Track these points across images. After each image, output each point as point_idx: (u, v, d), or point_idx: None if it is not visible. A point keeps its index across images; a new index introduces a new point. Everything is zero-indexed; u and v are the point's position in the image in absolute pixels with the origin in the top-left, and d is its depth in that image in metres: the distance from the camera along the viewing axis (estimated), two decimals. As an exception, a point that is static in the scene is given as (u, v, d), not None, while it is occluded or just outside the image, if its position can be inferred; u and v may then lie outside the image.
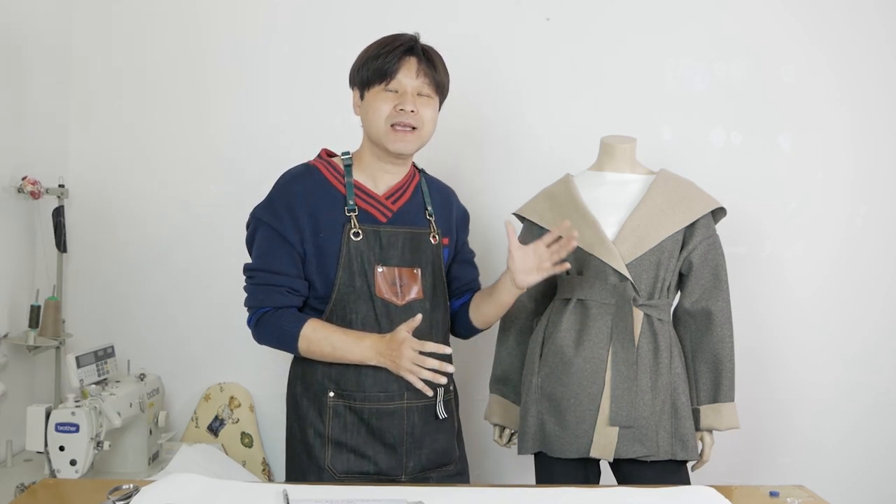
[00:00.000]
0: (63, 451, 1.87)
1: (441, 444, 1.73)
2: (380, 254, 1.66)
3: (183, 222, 2.51)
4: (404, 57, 1.65)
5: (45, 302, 2.29)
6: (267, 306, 1.67)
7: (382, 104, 1.65)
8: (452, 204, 1.85)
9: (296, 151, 2.46)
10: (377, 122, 1.66)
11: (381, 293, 1.66)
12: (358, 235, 1.65)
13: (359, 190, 1.70)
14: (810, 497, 1.51)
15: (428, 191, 1.79)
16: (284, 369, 2.45)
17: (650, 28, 2.45)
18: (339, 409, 1.67)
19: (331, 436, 1.67)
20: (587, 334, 1.80)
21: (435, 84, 1.68)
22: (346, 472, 1.66)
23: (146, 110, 2.51)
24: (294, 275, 1.66)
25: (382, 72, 1.64)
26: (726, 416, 1.85)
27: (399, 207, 1.72)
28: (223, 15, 2.49)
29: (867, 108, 2.45)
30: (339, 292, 1.65)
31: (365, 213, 1.68)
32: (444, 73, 1.72)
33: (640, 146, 1.99)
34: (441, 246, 1.75)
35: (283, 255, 1.66)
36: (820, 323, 2.47)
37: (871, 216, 2.46)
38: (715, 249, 1.88)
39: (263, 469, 2.46)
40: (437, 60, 1.70)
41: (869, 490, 2.48)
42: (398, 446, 1.67)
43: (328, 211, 1.66)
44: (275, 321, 1.66)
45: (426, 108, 1.67)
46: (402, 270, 1.68)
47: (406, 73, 1.65)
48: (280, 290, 1.66)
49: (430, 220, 1.75)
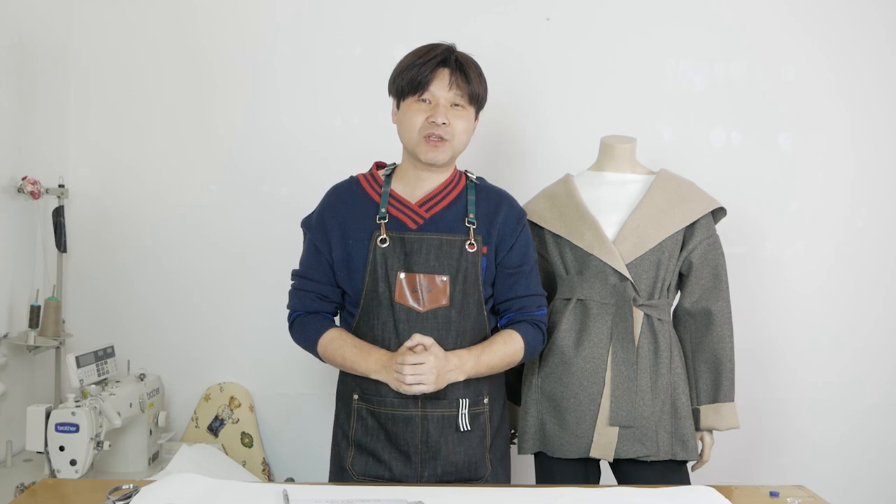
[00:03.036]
0: (63, 451, 1.87)
1: (461, 457, 1.68)
2: (404, 260, 1.66)
3: (183, 222, 2.51)
4: (438, 68, 1.66)
5: (45, 302, 2.29)
6: (300, 310, 1.76)
7: (416, 115, 1.67)
8: (501, 211, 1.75)
9: (296, 151, 2.48)
10: (410, 133, 1.68)
11: (401, 299, 1.65)
12: (385, 242, 1.66)
13: (393, 199, 1.72)
14: (810, 497, 1.51)
15: (474, 198, 1.74)
16: (284, 369, 2.47)
17: (650, 28, 2.45)
18: (362, 413, 1.70)
19: (354, 438, 1.71)
20: (587, 334, 1.80)
21: (469, 95, 1.68)
22: (364, 475, 1.69)
23: (146, 110, 2.50)
24: (325, 282, 1.74)
25: (416, 83, 1.66)
26: (726, 416, 1.85)
27: (433, 214, 1.70)
28: (223, 15, 2.49)
29: (867, 108, 2.45)
30: (366, 298, 1.68)
31: (396, 221, 1.69)
32: (479, 84, 1.71)
33: (640, 146, 1.99)
34: (479, 254, 1.69)
35: (317, 264, 1.74)
36: (820, 323, 2.47)
37: (871, 216, 2.47)
38: (715, 249, 1.88)
39: (263, 469, 2.46)
40: (472, 71, 1.69)
41: (869, 490, 2.48)
42: (412, 454, 1.66)
43: (360, 220, 1.70)
44: (303, 325, 1.75)
45: (458, 120, 1.68)
46: (426, 277, 1.66)
47: (439, 84, 1.66)
48: (311, 297, 1.74)
49: (469, 227, 1.70)
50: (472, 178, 1.79)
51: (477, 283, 1.69)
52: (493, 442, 1.74)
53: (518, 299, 1.74)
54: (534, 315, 1.75)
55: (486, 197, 1.76)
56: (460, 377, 1.62)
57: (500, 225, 1.73)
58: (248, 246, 2.48)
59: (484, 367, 1.66)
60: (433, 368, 1.55)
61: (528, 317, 1.74)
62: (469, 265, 1.67)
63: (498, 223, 1.73)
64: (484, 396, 1.72)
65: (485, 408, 1.72)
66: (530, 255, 1.77)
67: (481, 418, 1.71)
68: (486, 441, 1.72)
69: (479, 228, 1.70)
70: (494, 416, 1.75)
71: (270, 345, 2.43)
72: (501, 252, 1.73)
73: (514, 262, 1.74)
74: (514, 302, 1.74)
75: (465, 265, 1.67)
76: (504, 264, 1.73)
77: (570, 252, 1.87)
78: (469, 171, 1.81)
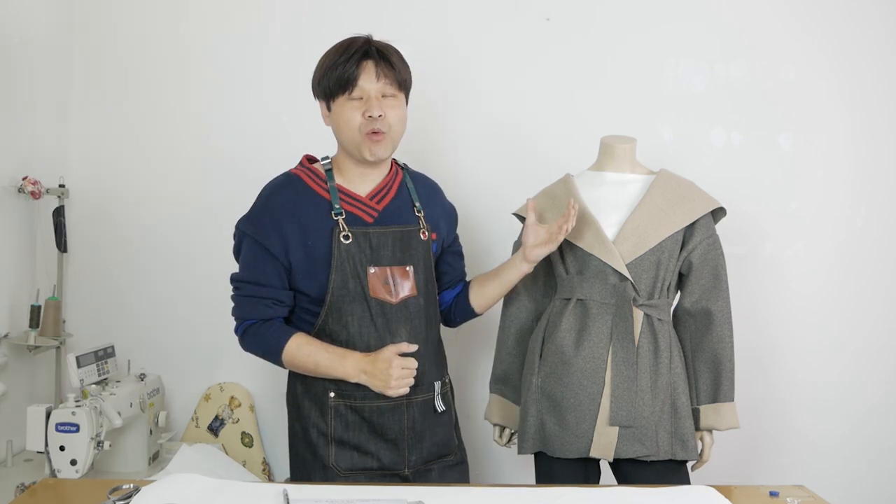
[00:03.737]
0: (63, 451, 1.87)
1: (441, 436, 1.77)
2: (371, 255, 1.68)
3: (183, 222, 2.51)
4: (362, 62, 1.64)
5: (46, 302, 2.29)
6: (252, 318, 1.71)
7: (351, 113, 1.65)
8: (438, 198, 1.86)
9: (296, 151, 2.47)
10: (350, 133, 1.67)
11: (375, 293, 1.67)
12: (348, 238, 1.66)
13: (342, 193, 1.71)
14: (810, 497, 1.51)
15: (414, 186, 1.80)
16: (283, 369, 2.47)
17: (650, 28, 2.45)
18: (340, 409, 1.70)
19: (334, 435, 1.70)
20: (587, 334, 1.80)
21: (397, 83, 1.68)
22: (350, 469, 1.70)
23: (147, 110, 2.51)
24: (278, 286, 1.69)
25: (343, 81, 1.64)
26: (726, 416, 1.85)
27: (384, 207, 1.72)
28: (224, 15, 2.49)
29: (867, 108, 2.45)
30: (334, 295, 1.67)
31: (351, 216, 1.69)
32: (404, 69, 1.70)
33: (640, 146, 1.99)
34: (431, 241, 1.77)
35: (268, 268, 1.68)
36: (820, 323, 2.47)
37: (871, 216, 2.46)
38: (715, 249, 1.88)
39: (263, 469, 2.46)
40: (395, 58, 1.68)
41: (869, 490, 2.48)
42: (400, 441, 1.70)
43: (314, 217, 1.67)
44: (261, 333, 1.71)
45: (392, 110, 1.67)
46: (395, 269, 1.69)
47: (367, 77, 1.64)
48: (265, 303, 1.69)
49: (419, 216, 1.75)
50: (401, 164, 1.83)
51: (431, 269, 1.77)
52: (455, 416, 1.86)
53: (463, 271, 1.94)
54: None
55: (421, 183, 1.83)
56: None
57: (441, 212, 1.85)
58: (249, 246, 2.48)
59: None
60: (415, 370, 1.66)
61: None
62: (426, 253, 1.75)
63: (437, 209, 1.83)
64: (445, 375, 1.83)
65: (448, 386, 1.84)
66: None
67: (447, 397, 1.82)
68: (454, 417, 1.85)
69: (426, 216, 1.77)
70: (451, 392, 1.87)
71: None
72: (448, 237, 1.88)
73: (457, 246, 1.93)
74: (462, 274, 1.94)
75: (423, 253, 1.74)
76: (453, 248, 1.91)
77: (570, 252, 1.87)
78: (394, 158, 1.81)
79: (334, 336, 1.69)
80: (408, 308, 1.70)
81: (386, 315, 1.68)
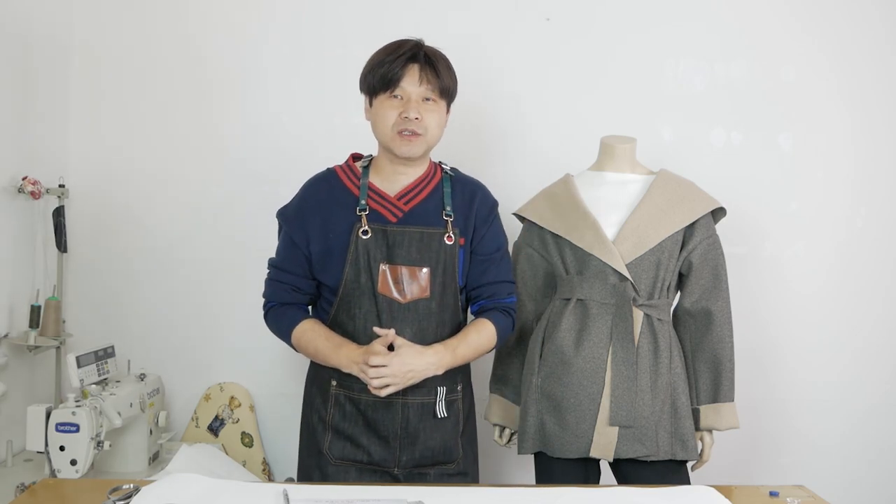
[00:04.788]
0: (63, 451, 1.87)
1: (438, 441, 1.74)
2: (386, 252, 1.70)
3: (183, 222, 2.51)
4: (408, 64, 1.68)
5: (46, 302, 2.29)
6: (274, 301, 1.80)
7: (388, 112, 1.69)
8: (475, 201, 1.79)
9: (297, 150, 2.48)
10: (384, 130, 1.71)
11: (383, 290, 1.69)
12: (367, 234, 1.69)
13: (372, 191, 1.74)
14: (810, 497, 1.51)
15: (450, 190, 1.78)
16: (284, 369, 2.47)
17: (650, 28, 2.45)
18: (340, 398, 1.73)
19: (331, 422, 1.74)
20: (587, 334, 1.80)
21: (439, 89, 1.70)
22: (342, 459, 1.72)
23: (147, 110, 2.50)
24: (300, 275, 1.76)
25: (387, 80, 1.68)
26: (726, 416, 1.85)
27: (411, 208, 1.73)
28: (224, 15, 2.49)
29: (867, 108, 2.45)
30: (346, 288, 1.71)
31: (376, 214, 1.72)
32: (449, 77, 1.73)
33: (640, 146, 1.99)
34: (457, 246, 1.74)
35: (293, 257, 1.76)
36: (820, 323, 2.47)
37: (871, 216, 2.46)
38: (715, 249, 1.88)
39: (263, 469, 2.46)
40: (442, 65, 1.71)
41: (869, 490, 2.48)
42: (392, 439, 1.71)
43: (340, 212, 1.72)
44: (278, 315, 1.79)
45: (430, 114, 1.70)
46: (407, 269, 1.70)
47: (409, 80, 1.68)
48: (285, 288, 1.78)
49: (446, 220, 1.74)
50: (447, 169, 1.82)
51: (454, 274, 1.74)
52: (464, 427, 1.80)
53: (489, 286, 1.79)
54: (503, 302, 1.80)
55: (461, 188, 1.80)
56: (438, 372, 1.67)
57: (474, 215, 1.78)
58: (249, 246, 2.47)
59: (460, 359, 1.72)
60: (396, 371, 1.60)
61: (498, 304, 1.80)
62: (448, 257, 1.73)
63: (473, 213, 1.78)
64: (458, 384, 1.78)
65: (459, 395, 1.79)
66: (502, 243, 1.83)
67: (456, 405, 1.78)
68: (460, 426, 1.79)
69: (455, 220, 1.75)
70: (466, 402, 1.82)
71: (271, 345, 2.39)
72: (475, 240, 1.78)
73: (486, 250, 1.78)
74: (484, 289, 1.79)
75: (445, 257, 1.72)
76: (477, 251, 1.78)
77: (570, 252, 1.87)
78: (444, 163, 1.83)
79: (344, 327, 1.72)
80: (417, 309, 1.70)
81: (393, 313, 1.69)
